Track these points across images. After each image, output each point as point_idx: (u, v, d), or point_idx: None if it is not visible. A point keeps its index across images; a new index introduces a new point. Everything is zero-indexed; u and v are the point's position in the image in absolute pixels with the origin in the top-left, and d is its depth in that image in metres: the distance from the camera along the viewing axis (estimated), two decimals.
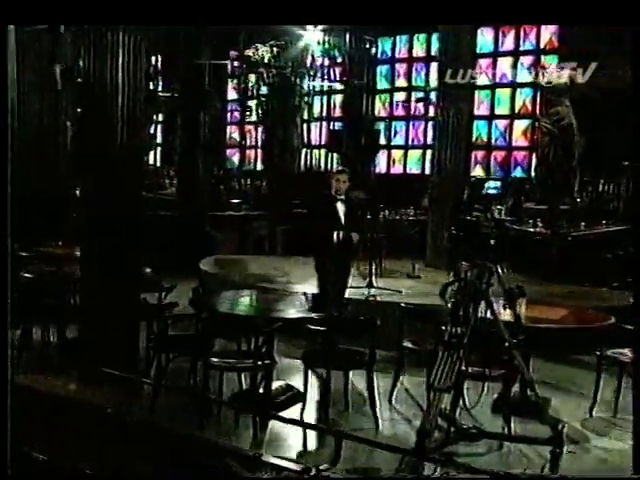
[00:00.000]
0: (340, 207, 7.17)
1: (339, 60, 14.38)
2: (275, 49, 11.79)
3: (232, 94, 16.72)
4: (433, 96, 12.64)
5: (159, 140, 17.51)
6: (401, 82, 14.90)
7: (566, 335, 5.97)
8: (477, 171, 13.53)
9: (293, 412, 5.19)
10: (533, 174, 12.22)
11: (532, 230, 9.67)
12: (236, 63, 14.01)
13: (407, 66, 14.78)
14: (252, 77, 13.50)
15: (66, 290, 6.67)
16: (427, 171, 14.01)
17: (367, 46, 14.04)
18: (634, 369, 4.67)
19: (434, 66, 13.54)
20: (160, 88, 14.94)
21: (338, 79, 14.61)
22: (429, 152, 13.79)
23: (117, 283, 5.75)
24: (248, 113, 14.09)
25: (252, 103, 14.14)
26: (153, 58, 13.79)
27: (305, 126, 15.00)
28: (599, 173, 11.14)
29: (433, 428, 4.35)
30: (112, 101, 5.69)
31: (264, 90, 13.47)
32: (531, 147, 12.89)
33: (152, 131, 16.35)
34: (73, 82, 10.07)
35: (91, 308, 5.90)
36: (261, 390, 5.23)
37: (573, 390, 6.16)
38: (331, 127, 15.39)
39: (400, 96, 14.89)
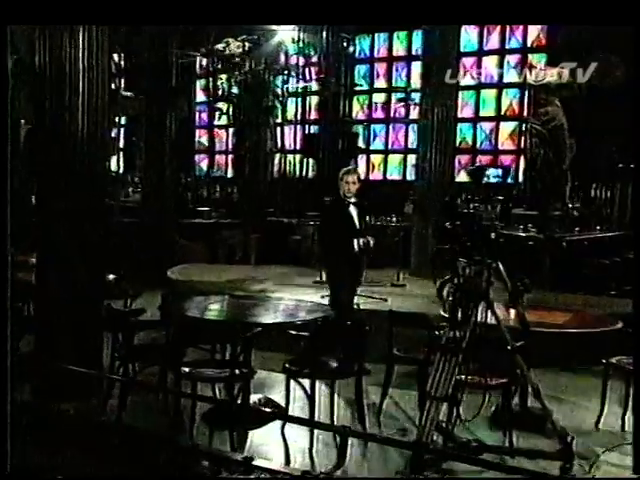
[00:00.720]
0: (353, 211, 6.87)
1: (314, 59, 14.24)
2: (247, 44, 11.61)
3: (201, 96, 16.50)
4: (415, 97, 12.59)
5: (122, 144, 17.20)
6: (381, 82, 14.79)
7: (570, 340, 5.81)
8: (462, 177, 13.42)
9: (274, 428, 4.99)
10: (522, 179, 12.18)
11: (524, 235, 9.55)
12: (205, 61, 13.80)
13: (387, 65, 14.66)
14: (223, 76, 13.28)
15: (22, 299, 6.42)
16: (408, 177, 13.94)
17: (344, 44, 13.91)
18: (634, 369, 4.55)
19: (415, 65, 13.49)
20: (122, 87, 14.63)
21: (314, 79, 14.43)
22: (410, 157, 13.76)
23: (79, 290, 5.52)
24: (218, 114, 13.84)
25: (222, 105, 13.92)
26: (115, 55, 13.51)
27: (279, 129, 14.84)
28: (592, 177, 11.09)
29: (429, 442, 4.19)
30: (70, 98, 5.47)
31: (235, 90, 13.26)
32: (518, 150, 12.83)
33: (114, 134, 16.05)
34: (27, 75, 9.76)
35: (49, 317, 5.64)
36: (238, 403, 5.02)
37: (578, 401, 6.02)
38: (306, 130, 15.21)
39: (379, 97, 14.78)
